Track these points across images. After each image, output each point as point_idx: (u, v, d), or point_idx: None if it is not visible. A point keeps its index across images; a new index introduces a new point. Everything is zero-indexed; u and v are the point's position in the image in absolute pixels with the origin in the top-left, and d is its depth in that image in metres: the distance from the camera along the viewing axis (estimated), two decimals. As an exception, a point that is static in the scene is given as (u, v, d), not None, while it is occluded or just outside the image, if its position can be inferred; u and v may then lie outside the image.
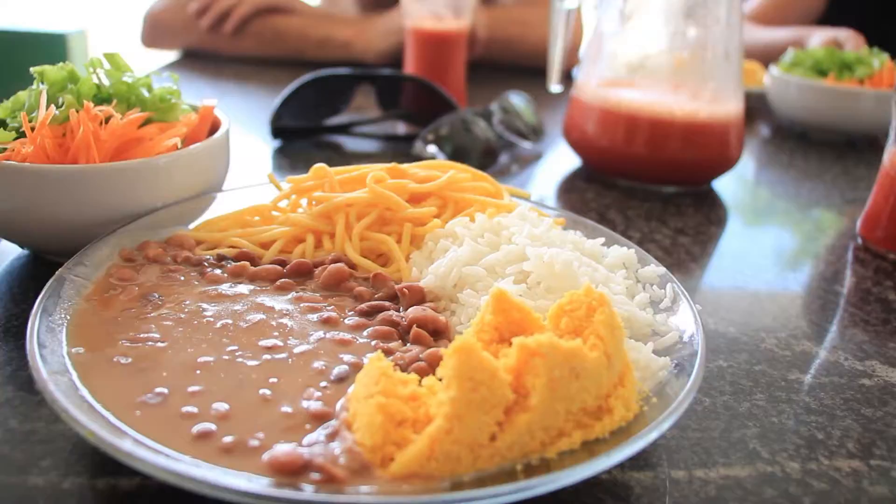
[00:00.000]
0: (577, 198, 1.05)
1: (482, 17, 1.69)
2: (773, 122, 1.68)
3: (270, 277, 0.64)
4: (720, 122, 1.05)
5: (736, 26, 1.07)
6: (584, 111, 1.09)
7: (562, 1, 1.15)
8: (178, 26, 1.81)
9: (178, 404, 0.47)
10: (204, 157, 0.75)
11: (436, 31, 1.33)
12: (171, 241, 0.68)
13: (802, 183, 1.27)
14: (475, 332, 0.50)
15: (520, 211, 0.68)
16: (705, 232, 0.97)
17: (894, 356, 0.72)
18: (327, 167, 0.72)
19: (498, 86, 1.58)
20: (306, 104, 1.18)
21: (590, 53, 1.11)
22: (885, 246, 0.95)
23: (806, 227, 1.08)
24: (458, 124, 1.07)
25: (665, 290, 0.63)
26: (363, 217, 0.69)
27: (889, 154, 0.94)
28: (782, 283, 0.86)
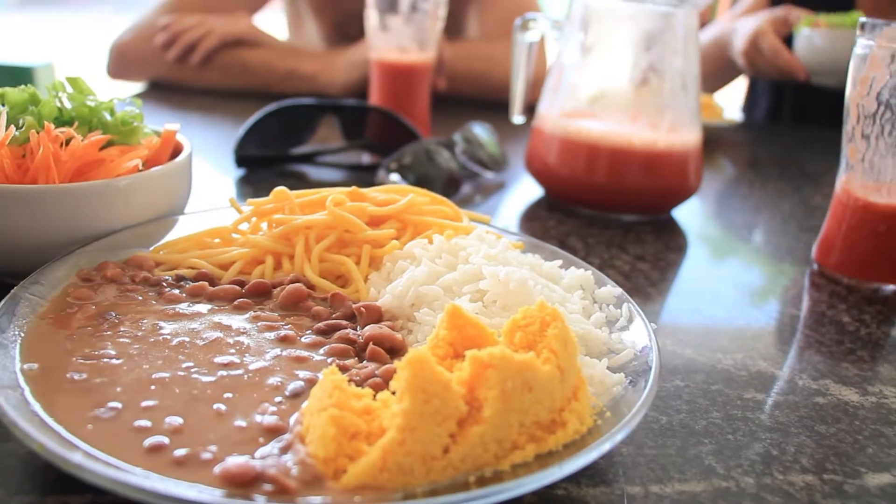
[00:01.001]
0: (538, 226, 1.06)
1: (447, 52, 1.71)
2: (734, 154, 1.71)
3: (229, 297, 0.64)
4: (678, 151, 1.08)
5: (693, 58, 1.09)
6: (546, 141, 1.10)
7: (523, 34, 1.17)
8: (145, 58, 1.81)
9: (131, 419, 0.47)
10: (165, 180, 0.75)
11: (400, 63, 1.35)
12: (130, 261, 0.68)
13: (761, 212, 1.30)
14: (430, 348, 0.51)
15: (477, 233, 0.69)
16: (664, 258, 0.99)
17: (847, 375, 0.73)
18: (288, 190, 0.72)
19: (462, 117, 1.60)
20: (271, 133, 1.18)
21: (551, 85, 1.13)
22: (839, 271, 0.97)
23: (764, 254, 1.10)
24: (422, 154, 1.08)
25: (621, 310, 0.64)
26: (323, 239, 0.69)
27: (840, 182, 0.97)
28: (739, 308, 0.88)
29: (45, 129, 0.69)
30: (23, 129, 0.70)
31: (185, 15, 1.78)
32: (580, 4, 1.09)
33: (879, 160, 0.92)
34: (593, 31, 1.10)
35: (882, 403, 0.69)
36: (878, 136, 0.91)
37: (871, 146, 0.92)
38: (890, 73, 0.88)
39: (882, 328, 0.85)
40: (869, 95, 0.90)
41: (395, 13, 1.33)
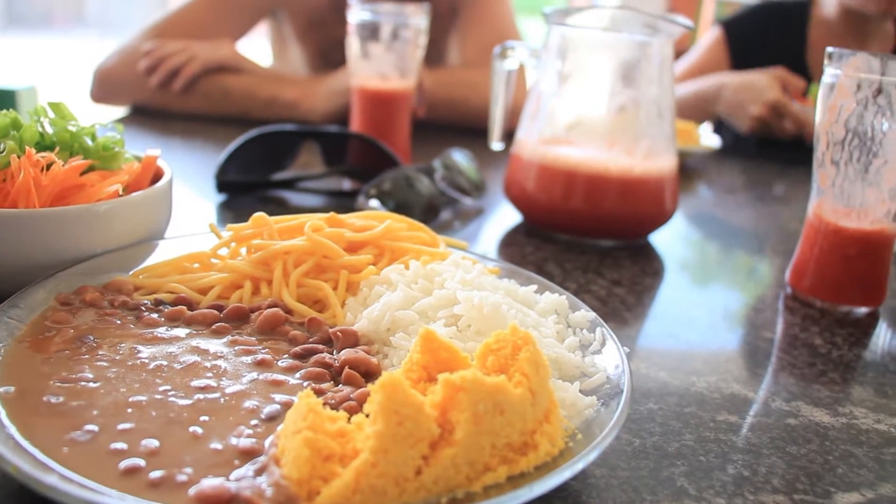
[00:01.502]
0: (516, 251, 1.07)
1: (427, 79, 1.72)
2: (711, 180, 1.74)
3: (207, 322, 0.64)
4: (654, 177, 1.09)
5: (668, 86, 1.11)
6: (524, 168, 1.12)
7: (502, 62, 1.19)
8: (128, 83, 1.82)
9: (108, 441, 0.47)
10: (145, 205, 0.76)
11: (381, 90, 1.36)
12: (110, 286, 0.69)
13: (737, 236, 1.32)
14: (404, 371, 0.51)
15: (453, 258, 0.70)
16: (640, 283, 1.00)
17: (819, 397, 0.75)
18: (266, 216, 0.73)
19: (442, 144, 1.61)
20: (252, 159, 1.19)
21: (529, 112, 1.15)
22: (812, 294, 0.99)
23: (739, 278, 1.12)
24: (401, 180, 1.09)
25: (594, 334, 0.65)
26: (301, 264, 0.70)
27: (812, 207, 0.99)
28: (714, 331, 0.90)
29: (26, 153, 0.70)
30: (3, 154, 0.71)
31: (168, 40, 1.79)
32: (557, 34, 1.11)
33: (849, 185, 0.94)
34: (570, 59, 1.12)
35: (852, 424, 0.70)
36: (846, 162, 0.93)
37: (841, 172, 0.94)
38: (856, 101, 0.90)
39: (853, 350, 0.87)
40: (837, 123, 0.92)
41: (377, 41, 1.35)
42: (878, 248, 0.97)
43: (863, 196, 0.94)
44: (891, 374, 0.82)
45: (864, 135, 0.91)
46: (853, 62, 0.91)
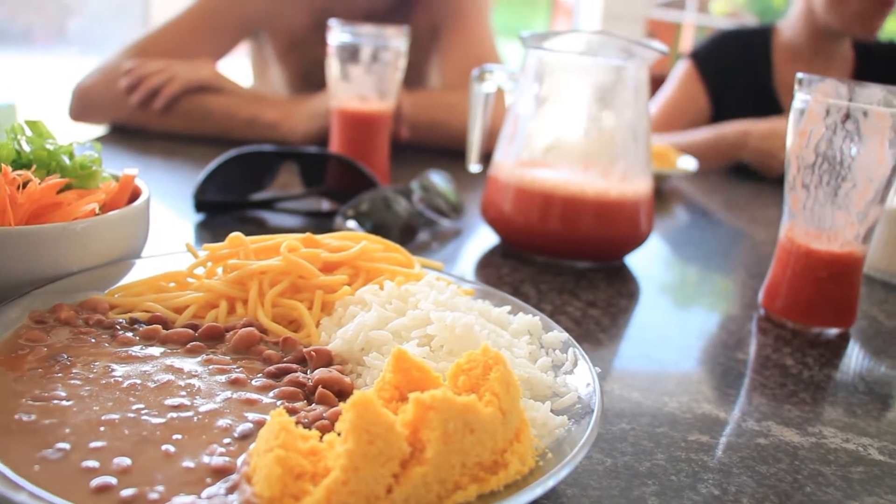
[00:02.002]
0: (493, 272, 1.08)
1: (407, 101, 1.73)
2: (687, 202, 1.76)
3: (182, 340, 0.65)
4: (630, 200, 1.11)
5: (643, 110, 1.13)
6: (501, 190, 1.13)
7: (480, 85, 1.21)
8: (107, 101, 1.81)
9: (79, 459, 0.47)
10: (122, 224, 0.76)
11: (360, 112, 1.37)
12: (85, 304, 0.69)
13: (712, 259, 1.33)
14: (377, 391, 0.52)
15: (428, 279, 0.71)
16: (615, 305, 1.01)
17: (789, 417, 0.76)
18: (243, 236, 0.74)
19: (422, 165, 1.62)
20: (231, 179, 1.20)
21: (506, 134, 1.16)
22: (784, 315, 1.00)
23: (713, 299, 1.13)
24: (379, 201, 1.10)
25: (567, 355, 0.66)
26: (276, 284, 0.70)
27: (784, 230, 1.01)
28: (687, 352, 0.91)
29: (2, 171, 0.70)
30: (-20, 173, 0.71)
31: (149, 60, 1.79)
32: (534, 57, 1.12)
33: (819, 209, 0.96)
34: (547, 83, 1.13)
35: (821, 443, 0.71)
36: (816, 185, 0.95)
37: (811, 195, 0.96)
38: (825, 126, 0.92)
39: (824, 371, 0.88)
40: (807, 147, 0.94)
41: (357, 63, 1.36)
42: (848, 270, 0.98)
43: (832, 219, 0.96)
44: (860, 395, 0.84)
45: (833, 159, 0.93)
46: (822, 88, 0.93)
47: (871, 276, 1.28)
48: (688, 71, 2.50)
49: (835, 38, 2.34)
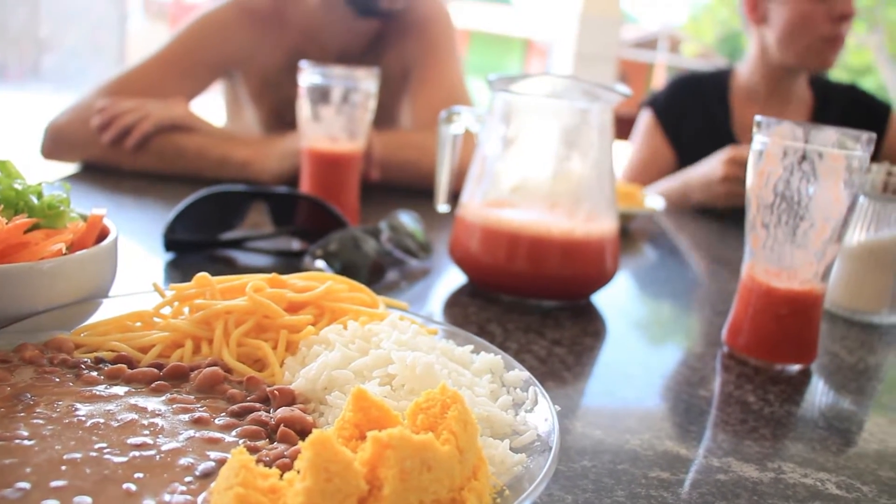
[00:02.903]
0: (459, 311, 1.09)
1: (377, 142, 1.75)
2: (654, 240, 1.78)
3: (146, 380, 0.65)
4: (595, 240, 1.13)
5: (607, 151, 1.16)
6: (468, 230, 1.15)
7: (448, 126, 1.23)
8: (80, 140, 1.82)
9: (39, 498, 0.48)
10: (89, 264, 0.77)
11: (330, 152, 1.39)
12: (50, 343, 0.69)
13: (678, 297, 1.35)
14: (337, 429, 0.53)
15: (391, 319, 0.72)
16: (580, 343, 1.02)
17: (749, 453, 0.77)
18: (209, 276, 0.74)
19: (391, 205, 1.64)
20: (201, 218, 1.20)
21: (473, 175, 1.18)
22: (747, 352, 1.03)
23: (678, 337, 1.15)
24: (348, 241, 1.11)
25: (528, 393, 0.67)
26: (242, 324, 0.71)
27: (745, 268, 1.03)
28: (651, 389, 0.92)
29: (-31, 212, 0.71)
30: (-53, 213, 0.71)
31: (122, 99, 1.80)
32: (501, 100, 1.15)
33: (778, 247, 0.98)
34: (514, 124, 1.16)
35: (780, 479, 0.73)
36: (775, 225, 0.98)
37: (771, 234, 0.98)
38: (783, 168, 0.95)
39: (784, 407, 0.90)
40: (766, 187, 0.97)
41: (327, 104, 1.38)
42: (808, 308, 1.01)
43: (792, 257, 0.98)
44: (819, 430, 0.85)
45: (791, 199, 0.96)
46: (779, 130, 0.96)
47: (832, 312, 1.31)
48: (649, 123, 2.56)
49: (791, 77, 2.40)
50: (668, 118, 2.52)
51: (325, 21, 2.05)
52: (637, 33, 21.81)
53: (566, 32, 6.53)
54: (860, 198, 1.30)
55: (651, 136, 2.54)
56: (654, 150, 2.52)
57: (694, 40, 18.42)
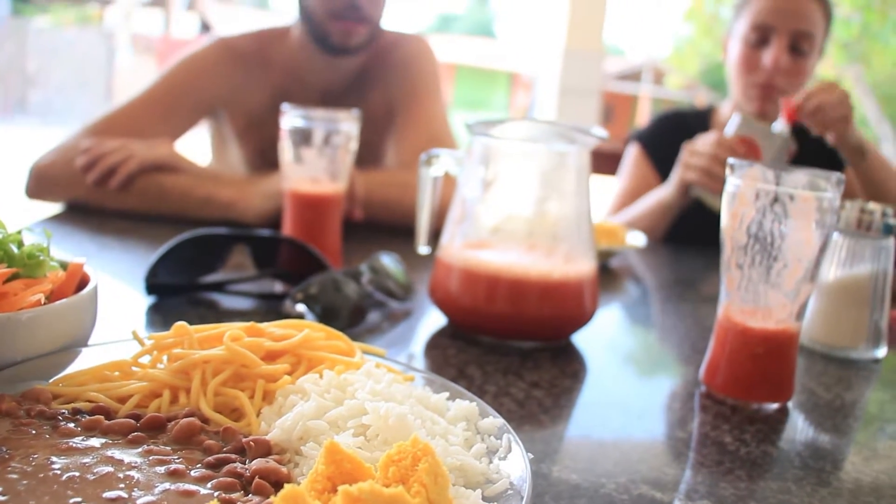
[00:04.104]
0: (439, 354, 1.10)
1: (360, 180, 1.77)
2: (636, 278, 1.80)
3: (123, 431, 0.66)
4: (574, 281, 1.14)
5: (585, 193, 1.18)
6: (448, 272, 1.16)
7: (428, 169, 1.24)
8: (64, 180, 1.83)
9: (13, 557, 0.48)
10: (68, 314, 0.78)
11: (312, 194, 1.40)
12: (27, 395, 0.70)
13: (657, 336, 1.36)
14: (310, 482, 0.53)
15: (367, 368, 0.73)
16: (559, 385, 1.03)
17: (723, 495, 0.78)
18: (187, 325, 0.75)
19: (374, 244, 1.65)
20: (182, 262, 1.21)
21: (453, 217, 1.19)
22: (724, 392, 1.04)
23: (657, 376, 1.16)
24: (328, 284, 1.12)
25: (502, 441, 0.68)
26: (219, 373, 0.72)
27: (722, 308, 1.05)
28: (628, 431, 0.93)
29: (-52, 264, 0.72)
30: (-74, 266, 0.72)
31: (107, 139, 1.82)
32: (480, 143, 1.16)
33: (753, 288, 1.00)
34: (492, 167, 1.17)
35: (753, 522, 0.74)
36: (749, 265, 0.99)
37: (745, 275, 1.00)
38: (756, 210, 0.97)
39: (761, 447, 0.91)
40: (740, 229, 0.99)
41: (309, 146, 1.39)
42: (784, 347, 1.02)
43: (766, 297, 1.00)
44: (795, 469, 0.86)
45: (764, 240, 0.98)
46: (751, 173, 0.98)
47: (809, 347, 1.32)
48: (636, 155, 2.58)
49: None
50: (656, 150, 2.55)
51: (306, 60, 2.08)
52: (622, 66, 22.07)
53: (550, 66, 6.60)
54: (834, 235, 1.32)
55: (639, 167, 2.56)
56: (642, 179, 2.54)
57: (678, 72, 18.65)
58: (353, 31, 1.96)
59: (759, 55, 2.27)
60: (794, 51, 2.26)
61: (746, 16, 2.29)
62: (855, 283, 1.31)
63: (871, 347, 1.31)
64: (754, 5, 2.28)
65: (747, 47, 2.28)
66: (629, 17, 44.57)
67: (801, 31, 2.25)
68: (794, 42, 2.25)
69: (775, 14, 2.24)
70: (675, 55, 18.28)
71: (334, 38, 1.97)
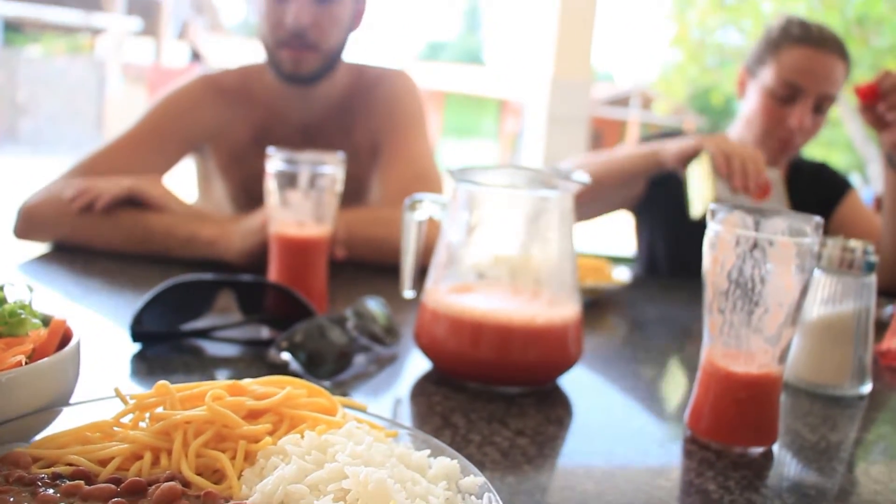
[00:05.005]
0: (424, 402, 1.10)
1: (343, 220, 1.77)
2: (622, 316, 1.80)
3: (104, 497, 0.65)
4: (558, 325, 1.14)
5: (568, 237, 1.19)
6: (432, 317, 1.16)
7: (412, 214, 1.25)
8: (51, 219, 1.83)
9: None
10: (50, 373, 0.78)
11: (298, 237, 1.41)
12: (6, 459, 0.69)
13: (642, 376, 1.37)
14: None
15: (348, 427, 0.73)
16: (543, 433, 1.03)
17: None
18: (169, 385, 0.75)
19: (360, 285, 1.66)
20: (168, 308, 1.21)
21: (437, 262, 1.20)
22: (708, 436, 1.04)
23: (641, 421, 1.16)
24: (313, 331, 1.12)
25: (483, 500, 0.68)
26: (201, 434, 0.72)
27: (705, 352, 1.05)
28: (612, 482, 0.92)
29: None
30: None
31: (94, 178, 1.83)
32: (463, 189, 1.17)
33: (735, 332, 1.01)
34: (476, 212, 1.18)
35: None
36: (731, 310, 1.00)
37: (727, 320, 1.01)
38: (736, 255, 0.98)
39: (745, 494, 0.91)
40: (721, 274, 1.00)
41: (295, 189, 1.40)
42: (767, 390, 1.03)
43: (748, 342, 1.01)
44: (777, 519, 0.87)
45: (745, 286, 0.99)
46: (730, 219, 0.99)
47: (795, 385, 1.32)
48: None
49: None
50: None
51: (281, 94, 2.11)
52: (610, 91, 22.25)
53: (539, 94, 6.63)
54: (817, 273, 1.34)
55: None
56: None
57: (665, 98, 18.80)
58: (302, 59, 1.99)
59: (783, 112, 2.27)
60: (817, 110, 2.29)
61: (775, 66, 2.28)
62: (839, 321, 1.32)
63: (857, 384, 1.32)
64: (785, 59, 2.26)
65: (772, 100, 2.28)
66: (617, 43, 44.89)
67: (828, 95, 2.27)
68: (819, 103, 2.28)
69: (806, 75, 2.24)
70: (663, 80, 18.43)
71: (285, 66, 2.01)
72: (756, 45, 2.39)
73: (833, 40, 2.27)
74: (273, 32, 1.97)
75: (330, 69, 2.07)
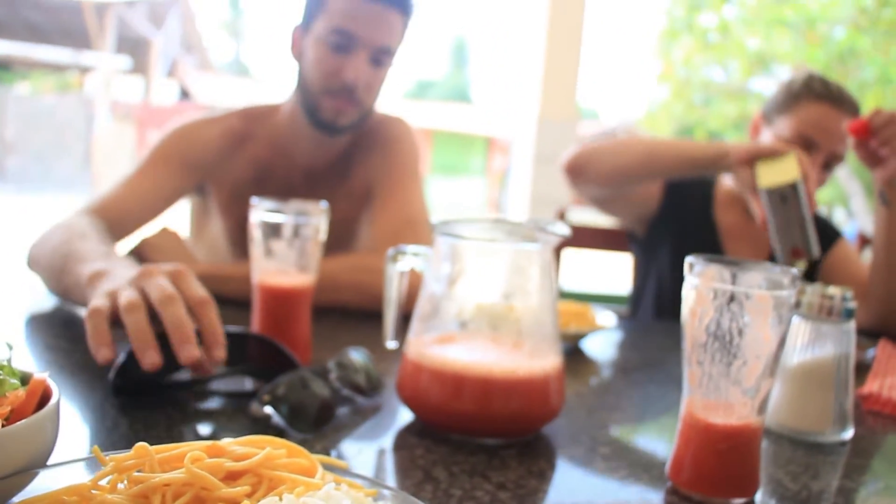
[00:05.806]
0: (406, 455, 1.10)
1: (329, 266, 1.78)
2: (605, 362, 1.81)
3: (80, 563, 0.65)
4: (539, 377, 1.15)
5: (550, 288, 1.19)
6: (414, 368, 1.17)
7: (394, 265, 1.26)
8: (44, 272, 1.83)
9: None
10: (28, 434, 0.78)
11: (281, 286, 1.41)
12: (-17, 526, 0.69)
13: (624, 424, 1.37)
14: None
15: (326, 490, 0.74)
16: (525, 486, 1.03)
17: None
18: (148, 446, 0.75)
19: (344, 333, 1.66)
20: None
21: (418, 314, 1.21)
22: (689, 488, 1.04)
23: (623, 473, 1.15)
24: (296, 383, 1.12)
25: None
26: (180, 496, 0.72)
27: (685, 403, 1.06)
28: (591, 538, 0.93)
29: None
30: None
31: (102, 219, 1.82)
32: (445, 242, 1.18)
33: (714, 384, 1.02)
34: (458, 264, 1.19)
35: None
36: (710, 363, 1.01)
37: (706, 372, 1.02)
38: (714, 309, 0.99)
39: (725, 552, 0.91)
40: (699, 327, 1.01)
41: (279, 238, 1.41)
42: (747, 442, 1.03)
43: (727, 394, 1.02)
44: (758, 576, 0.87)
45: (722, 338, 1.00)
46: (708, 273, 1.00)
47: (777, 432, 1.33)
48: None
49: None
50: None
51: (293, 136, 2.13)
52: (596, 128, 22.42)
53: (525, 133, 6.70)
54: (796, 319, 1.35)
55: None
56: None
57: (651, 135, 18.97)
58: (345, 111, 2.03)
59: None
60: (825, 166, 2.33)
61: (792, 118, 2.32)
62: (819, 367, 1.33)
63: (838, 430, 1.33)
64: (803, 113, 2.30)
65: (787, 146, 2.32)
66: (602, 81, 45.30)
67: (838, 154, 2.32)
68: (829, 160, 2.33)
69: (822, 131, 2.28)
70: (648, 118, 18.61)
71: (324, 114, 2.03)
72: (776, 93, 2.43)
73: (850, 102, 2.32)
74: (324, 80, 2.00)
75: (361, 125, 2.13)
